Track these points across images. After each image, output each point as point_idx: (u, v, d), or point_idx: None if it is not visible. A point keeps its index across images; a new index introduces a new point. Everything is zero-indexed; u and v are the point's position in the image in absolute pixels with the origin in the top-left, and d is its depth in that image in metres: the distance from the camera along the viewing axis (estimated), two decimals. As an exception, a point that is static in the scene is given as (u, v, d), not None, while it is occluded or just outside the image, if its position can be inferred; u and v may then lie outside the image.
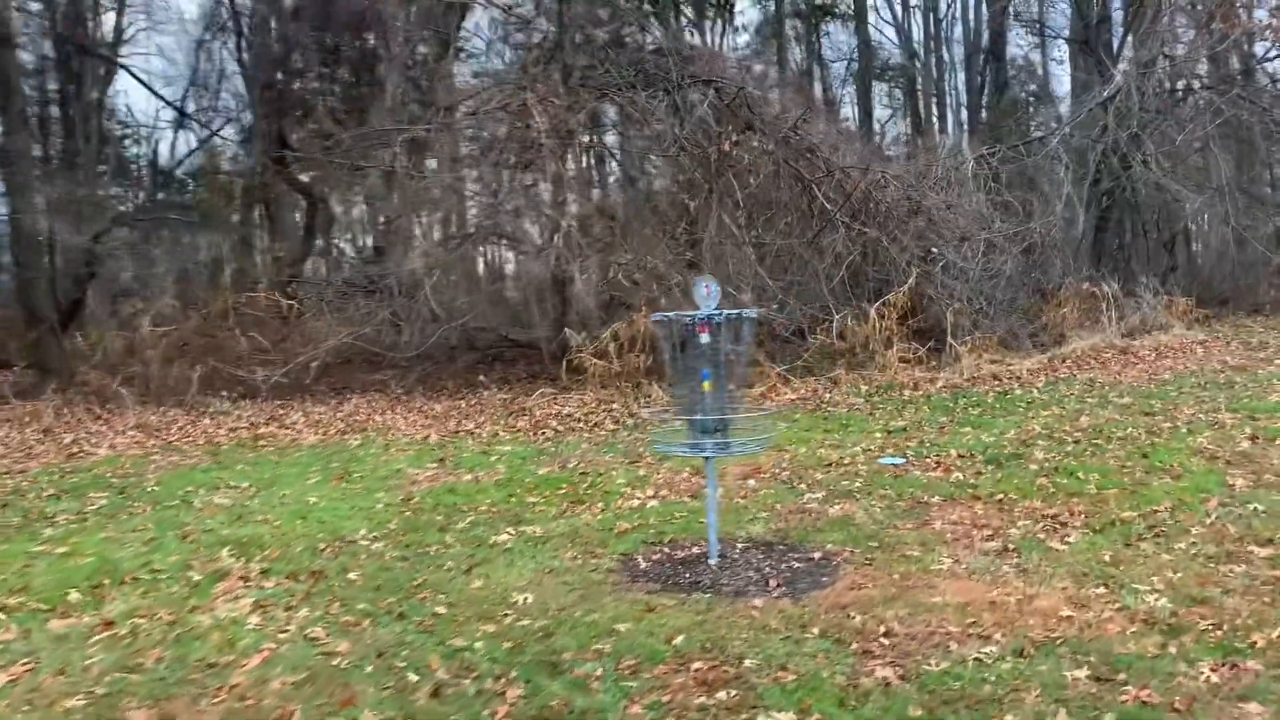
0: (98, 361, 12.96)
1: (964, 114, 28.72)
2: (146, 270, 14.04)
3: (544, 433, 10.19)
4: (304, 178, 14.65)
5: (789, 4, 30.21)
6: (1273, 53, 19.96)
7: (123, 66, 19.77)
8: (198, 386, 12.48)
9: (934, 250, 14.54)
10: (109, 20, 23.63)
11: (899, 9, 31.67)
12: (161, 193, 17.62)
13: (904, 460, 8.25)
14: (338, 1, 15.92)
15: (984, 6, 27.55)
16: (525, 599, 5.19)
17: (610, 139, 14.40)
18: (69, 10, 22.69)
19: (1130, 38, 22.07)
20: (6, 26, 14.71)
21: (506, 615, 4.98)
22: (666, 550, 6.08)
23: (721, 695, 3.95)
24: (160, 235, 15.07)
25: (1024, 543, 5.79)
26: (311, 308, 13.98)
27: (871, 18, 31.69)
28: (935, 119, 31.22)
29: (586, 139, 13.17)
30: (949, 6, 31.53)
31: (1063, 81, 32.16)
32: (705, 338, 5.76)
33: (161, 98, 19.96)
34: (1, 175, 15.01)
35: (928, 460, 8.17)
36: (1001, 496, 6.86)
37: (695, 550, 5.98)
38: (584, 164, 13.39)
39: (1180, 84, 19.93)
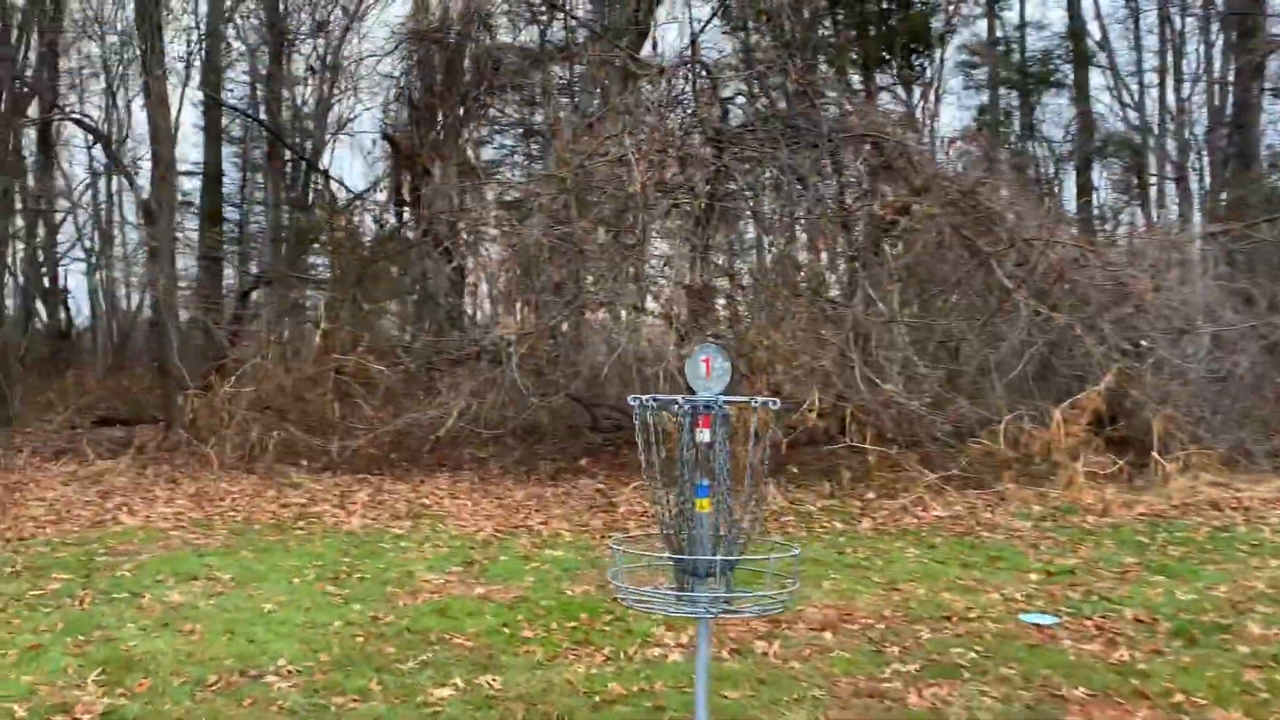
0: (193, 421, 12.31)
1: (1200, 192, 25.24)
2: (261, 329, 13.49)
3: (614, 536, 8.43)
4: (430, 238, 13.76)
5: (1001, 73, 27.77)
6: None
7: (290, 148, 19.82)
8: (282, 454, 11.54)
9: (1143, 343, 11.92)
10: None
11: (1131, 81, 28.56)
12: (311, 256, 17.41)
13: (1056, 620, 5.98)
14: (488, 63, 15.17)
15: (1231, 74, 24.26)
16: (384, 813, 3.46)
17: (741, 198, 12.73)
18: (269, 86, 23.37)
19: None
20: (160, 79, 14.77)
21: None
22: (650, 741, 4.20)
23: None
24: (285, 297, 14.66)
25: (1204, 801, 3.55)
26: (421, 376, 12.91)
27: (1105, 99, 28.72)
28: (1174, 201, 27.73)
29: (708, 197, 11.54)
30: (1195, 77, 28.15)
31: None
32: (705, 435, 3.92)
33: (321, 171, 20.00)
34: (145, 228, 14.93)
35: (1089, 622, 5.87)
36: (1182, 697, 4.56)
37: (693, 746, 4.06)
38: (707, 225, 11.77)
39: None
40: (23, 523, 8.85)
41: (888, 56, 23.50)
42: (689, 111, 12.24)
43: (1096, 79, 27.32)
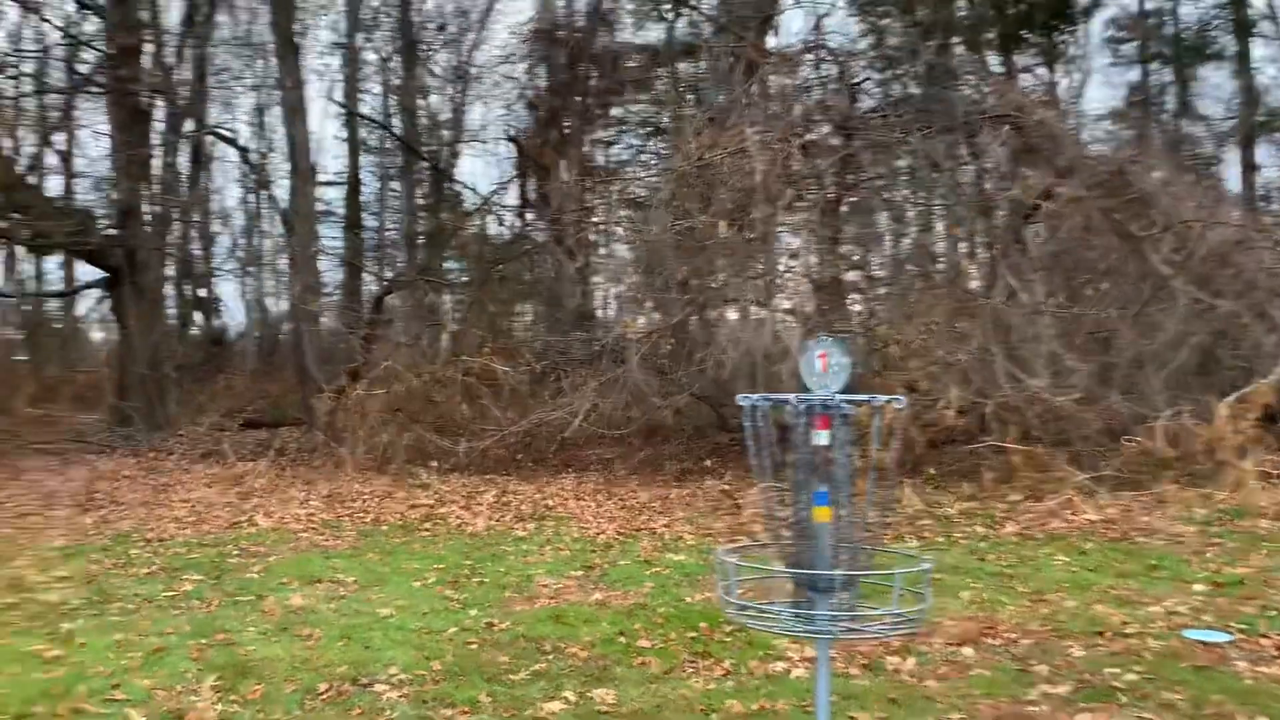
0: (327, 424, 12.59)
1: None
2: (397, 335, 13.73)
3: (739, 540, 8.14)
4: (555, 239, 13.73)
5: (1153, 47, 26.12)
6: None
7: (420, 156, 20.17)
8: (412, 455, 11.67)
9: (1320, 330, 10.89)
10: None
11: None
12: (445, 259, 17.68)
13: (1227, 637, 5.39)
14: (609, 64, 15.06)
15: None
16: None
17: (872, 187, 12.16)
18: (402, 96, 23.88)
19: None
20: (295, 92, 15.21)
21: None
22: (769, 767, 3.90)
23: None
24: (418, 301, 14.92)
25: None
26: (548, 376, 12.87)
27: (1270, 70, 26.72)
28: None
29: (837, 187, 11.09)
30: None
31: None
32: (823, 436, 3.60)
33: (449, 176, 20.29)
34: (285, 237, 15.41)
35: (1265, 640, 5.27)
36: (1387, 735, 3.99)
37: (816, 773, 3.75)
38: (836, 216, 11.31)
39: None
40: (165, 523, 9.14)
41: (1027, 34, 22.37)
42: (816, 99, 11.83)
43: (1260, 49, 25.38)
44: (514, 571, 7.17)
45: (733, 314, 10.95)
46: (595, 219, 13.04)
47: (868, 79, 12.34)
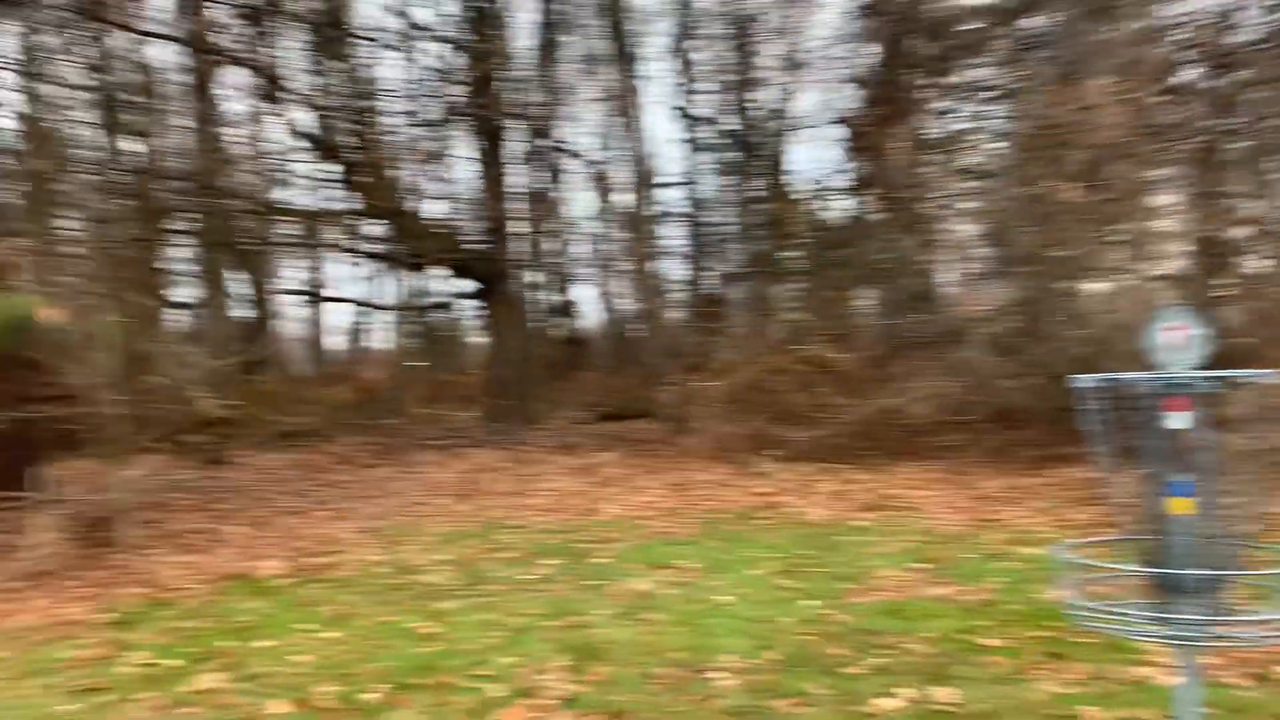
0: (671, 415, 13.02)
1: None
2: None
3: (1100, 533, 7.42)
4: (891, 218, 13.29)
5: None
6: None
7: (753, 150, 20.31)
8: (751, 443, 11.79)
9: None
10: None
11: None
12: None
13: None
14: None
15: None
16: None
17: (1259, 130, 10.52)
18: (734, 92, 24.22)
19: None
20: (631, 99, 15.87)
21: None
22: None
23: None
24: (755, 292, 15.02)
25: None
26: (887, 361, 12.50)
27: None
28: None
29: (1212, 134, 9.74)
30: None
31: None
32: (1179, 419, 3.19)
33: (779, 167, 20.24)
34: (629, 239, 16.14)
35: None
36: None
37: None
38: (1213, 167, 9.94)
39: None
40: (527, 511, 9.87)
41: None
42: (1181, 39, 10.52)
43: None
44: (852, 562, 7.01)
45: (1092, 285, 10.02)
46: (933, 194, 12.47)
47: (1245, 8, 10.80)
